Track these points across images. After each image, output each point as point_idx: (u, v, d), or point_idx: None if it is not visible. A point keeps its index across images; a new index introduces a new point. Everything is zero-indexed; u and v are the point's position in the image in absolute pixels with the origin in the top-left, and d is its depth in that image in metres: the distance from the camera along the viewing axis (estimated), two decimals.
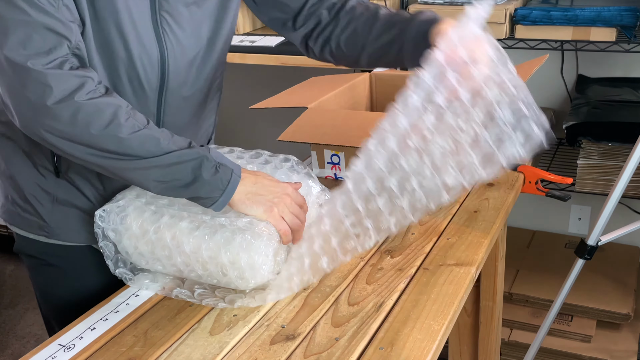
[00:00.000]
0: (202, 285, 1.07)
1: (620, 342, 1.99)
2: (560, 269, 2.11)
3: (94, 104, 0.92)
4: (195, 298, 1.04)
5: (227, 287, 1.05)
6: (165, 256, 1.05)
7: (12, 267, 3.11)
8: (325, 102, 1.48)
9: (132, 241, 1.07)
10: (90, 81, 0.93)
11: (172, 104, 1.13)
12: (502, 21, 1.93)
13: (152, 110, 1.11)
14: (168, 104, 1.12)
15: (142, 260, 1.09)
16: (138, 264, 1.10)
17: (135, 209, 1.06)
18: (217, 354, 0.92)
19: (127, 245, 1.08)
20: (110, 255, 1.10)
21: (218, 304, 1.02)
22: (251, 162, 1.16)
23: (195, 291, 1.05)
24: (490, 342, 1.58)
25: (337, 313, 1.00)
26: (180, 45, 1.08)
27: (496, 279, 1.50)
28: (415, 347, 0.91)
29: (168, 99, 1.12)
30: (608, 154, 1.87)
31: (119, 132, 0.93)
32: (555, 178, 1.42)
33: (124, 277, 1.10)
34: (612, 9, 1.84)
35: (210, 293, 1.05)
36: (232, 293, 1.04)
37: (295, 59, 2.04)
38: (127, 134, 0.94)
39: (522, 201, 2.43)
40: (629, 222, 1.73)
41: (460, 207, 1.31)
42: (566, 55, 2.23)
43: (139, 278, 1.09)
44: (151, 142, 0.96)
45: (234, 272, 1.00)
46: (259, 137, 2.85)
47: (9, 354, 2.52)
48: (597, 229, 1.68)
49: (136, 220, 1.06)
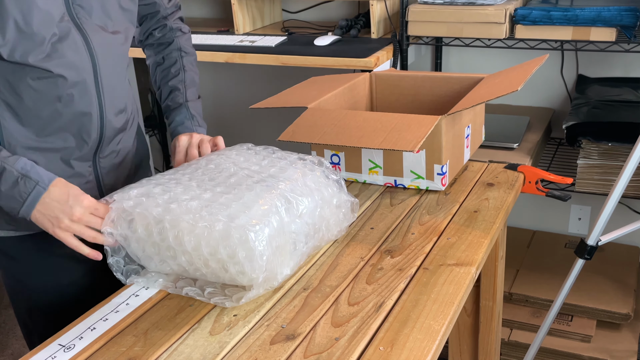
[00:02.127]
0: (212, 284, 1.07)
1: (620, 342, 1.99)
2: (560, 269, 2.12)
3: None
4: (205, 297, 1.04)
5: (234, 285, 1.04)
6: (170, 257, 1.05)
7: None
8: (325, 102, 1.48)
9: (139, 244, 1.06)
10: None
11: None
12: (502, 21, 1.93)
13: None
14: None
15: (151, 263, 1.09)
16: (148, 267, 1.10)
17: (140, 212, 1.06)
18: (217, 354, 0.92)
19: (136, 249, 1.07)
20: (121, 269, 1.10)
21: (225, 302, 1.02)
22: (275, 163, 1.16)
23: (205, 290, 1.05)
24: (490, 342, 1.58)
25: (337, 313, 1.00)
26: None
27: (496, 279, 1.50)
28: (416, 347, 0.91)
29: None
30: (608, 154, 1.87)
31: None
32: (555, 178, 1.42)
33: (137, 283, 1.10)
34: (612, 9, 1.84)
35: (220, 291, 1.05)
36: (242, 291, 1.03)
37: (295, 59, 2.04)
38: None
39: (522, 201, 2.45)
40: (629, 222, 1.73)
41: (461, 207, 1.31)
42: (566, 55, 2.23)
43: (149, 278, 1.10)
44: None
45: (234, 267, 0.99)
46: (259, 136, 2.85)
47: (9, 354, 2.52)
48: (597, 229, 1.68)
49: (141, 223, 1.05)
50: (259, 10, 2.48)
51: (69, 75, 1.14)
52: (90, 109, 1.19)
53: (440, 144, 1.32)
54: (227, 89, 2.93)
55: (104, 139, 1.24)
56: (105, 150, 1.26)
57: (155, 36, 1.45)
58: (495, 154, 1.93)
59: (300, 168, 1.14)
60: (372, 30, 2.20)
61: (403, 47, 2.10)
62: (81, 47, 1.15)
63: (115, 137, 1.27)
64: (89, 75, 1.17)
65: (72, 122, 1.18)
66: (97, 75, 1.18)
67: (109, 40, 1.20)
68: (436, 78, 1.63)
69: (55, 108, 1.15)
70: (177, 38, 1.45)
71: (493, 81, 1.42)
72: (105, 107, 1.21)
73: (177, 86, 1.39)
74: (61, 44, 1.12)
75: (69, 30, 1.13)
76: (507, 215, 1.33)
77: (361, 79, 1.66)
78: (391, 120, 1.29)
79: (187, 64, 1.43)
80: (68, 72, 1.13)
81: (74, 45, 1.13)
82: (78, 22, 1.14)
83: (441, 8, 2.00)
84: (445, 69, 2.44)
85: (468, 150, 1.51)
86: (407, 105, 1.66)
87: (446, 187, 1.39)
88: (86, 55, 1.16)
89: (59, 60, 1.12)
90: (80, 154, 1.22)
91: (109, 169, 1.28)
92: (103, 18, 1.18)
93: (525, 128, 2.09)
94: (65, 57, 1.12)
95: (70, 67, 1.13)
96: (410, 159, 1.36)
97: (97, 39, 1.17)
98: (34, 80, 1.11)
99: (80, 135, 1.19)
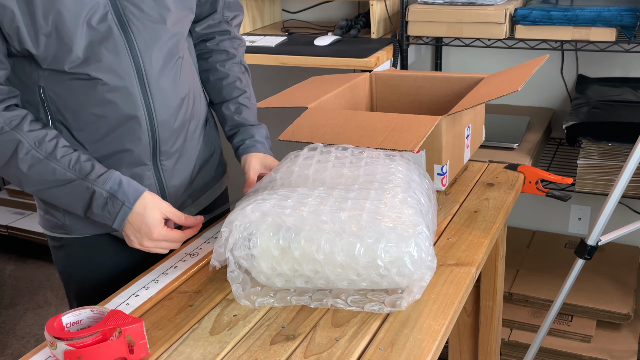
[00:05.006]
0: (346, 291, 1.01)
1: (620, 342, 1.99)
2: (560, 269, 2.12)
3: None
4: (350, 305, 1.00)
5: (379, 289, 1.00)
6: (312, 270, 0.96)
7: (12, 267, 3.11)
8: (325, 102, 1.48)
9: (269, 263, 0.97)
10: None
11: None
12: (502, 21, 1.93)
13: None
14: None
15: (279, 280, 1.00)
16: (273, 285, 1.01)
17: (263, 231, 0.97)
18: (218, 354, 0.92)
19: (265, 268, 0.98)
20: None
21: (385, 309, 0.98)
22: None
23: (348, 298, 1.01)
24: (490, 342, 1.58)
25: (338, 313, 1.00)
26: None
27: (496, 279, 1.50)
28: (416, 347, 0.91)
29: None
30: (608, 154, 1.87)
31: (18, 165, 1.08)
32: (556, 178, 1.43)
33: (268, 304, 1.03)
34: (612, 9, 1.84)
35: (362, 298, 1.01)
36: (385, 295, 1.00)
37: (295, 59, 2.04)
38: (26, 166, 1.08)
39: (522, 201, 2.45)
40: (629, 222, 1.73)
41: (461, 207, 1.31)
42: (566, 55, 2.23)
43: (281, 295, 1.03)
44: (47, 171, 1.09)
45: (393, 269, 0.93)
46: None
47: (9, 354, 2.52)
48: (597, 229, 1.68)
49: (271, 241, 0.97)
50: (259, 10, 2.48)
51: (108, 79, 1.10)
52: (136, 112, 1.14)
53: (441, 144, 1.32)
54: None
55: (160, 141, 1.20)
56: (165, 151, 1.22)
57: (215, 40, 1.37)
58: (495, 154, 1.93)
59: (387, 162, 1.11)
60: (372, 30, 2.20)
61: (403, 47, 2.10)
62: (122, 50, 1.10)
63: (175, 137, 1.22)
64: (131, 79, 1.12)
65: (120, 127, 1.15)
66: (143, 77, 1.13)
67: (161, 34, 1.14)
68: (436, 78, 1.63)
69: (100, 113, 1.12)
70: (238, 49, 1.41)
71: (493, 81, 1.42)
72: (154, 108, 1.16)
73: (245, 104, 1.38)
74: (99, 47, 1.08)
75: (110, 31, 1.08)
76: (508, 215, 1.33)
77: (361, 79, 1.65)
78: (391, 120, 1.29)
79: (248, 83, 1.42)
80: (107, 76, 1.10)
81: (115, 49, 1.09)
82: (124, 20, 1.10)
83: (441, 8, 2.00)
84: (445, 69, 2.44)
85: (468, 151, 1.51)
86: (407, 105, 1.66)
87: (446, 187, 1.39)
88: (128, 58, 1.11)
89: (97, 65, 1.08)
90: (135, 158, 1.19)
91: (171, 170, 1.25)
92: (157, 9, 1.13)
93: (525, 128, 2.09)
94: (103, 60, 1.09)
95: (109, 71, 1.10)
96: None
97: (146, 37, 1.12)
98: (73, 82, 1.09)
99: (131, 139, 1.16)
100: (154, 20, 1.13)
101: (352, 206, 0.98)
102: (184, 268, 1.16)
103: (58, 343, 0.88)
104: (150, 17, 1.13)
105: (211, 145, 1.38)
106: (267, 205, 1.00)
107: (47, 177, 1.09)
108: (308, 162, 1.15)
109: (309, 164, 1.15)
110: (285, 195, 1.02)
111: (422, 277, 0.94)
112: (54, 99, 1.11)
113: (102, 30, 1.08)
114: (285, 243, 0.96)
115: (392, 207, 0.98)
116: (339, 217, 0.95)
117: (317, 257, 0.94)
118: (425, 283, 0.96)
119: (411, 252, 0.92)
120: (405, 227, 0.94)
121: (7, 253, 3.23)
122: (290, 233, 0.96)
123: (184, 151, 1.27)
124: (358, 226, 0.94)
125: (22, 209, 3.26)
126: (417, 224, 0.95)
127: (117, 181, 1.11)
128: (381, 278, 0.95)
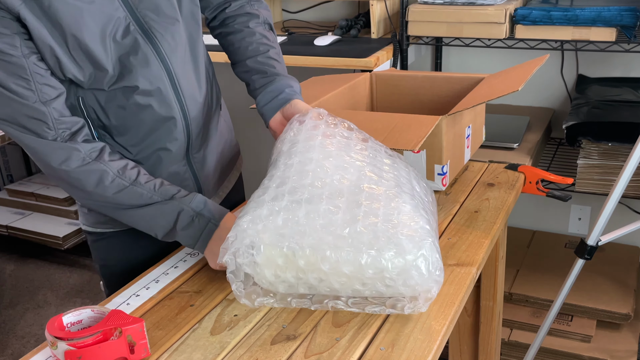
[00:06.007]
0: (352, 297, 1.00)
1: (620, 342, 1.99)
2: (560, 269, 2.12)
3: (82, 171, 1.09)
4: (350, 307, 0.99)
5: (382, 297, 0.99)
6: (316, 279, 0.95)
7: (12, 267, 3.11)
8: (325, 102, 1.48)
9: (272, 270, 0.96)
10: (76, 153, 1.08)
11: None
12: (502, 21, 1.93)
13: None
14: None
15: (282, 286, 0.99)
16: (276, 290, 1.00)
17: (267, 240, 0.95)
18: (218, 354, 0.93)
19: (269, 275, 0.97)
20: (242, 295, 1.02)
21: (386, 310, 0.98)
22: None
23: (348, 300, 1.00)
24: (491, 342, 1.58)
25: (338, 313, 1.00)
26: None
27: (496, 279, 1.50)
28: (416, 348, 0.91)
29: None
30: (608, 154, 1.87)
31: (105, 192, 1.11)
32: (556, 178, 1.43)
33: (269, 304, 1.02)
34: (612, 9, 1.84)
35: (363, 300, 0.99)
36: (386, 298, 0.98)
37: (296, 59, 2.04)
38: (112, 193, 1.11)
39: (522, 201, 2.45)
40: (629, 222, 1.73)
41: (461, 207, 1.31)
42: (566, 55, 2.23)
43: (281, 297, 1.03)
44: (134, 196, 1.12)
45: (399, 279, 0.93)
46: (260, 137, 2.85)
47: (9, 354, 2.52)
48: (597, 229, 1.68)
49: (274, 249, 0.95)
50: None
51: (143, 86, 1.12)
52: (172, 113, 1.17)
53: (441, 144, 1.32)
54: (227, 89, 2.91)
55: (192, 137, 1.23)
56: (196, 146, 1.26)
57: (232, 6, 1.35)
58: (496, 154, 1.93)
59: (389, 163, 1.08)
60: (372, 30, 2.20)
61: (403, 47, 2.10)
62: (152, 58, 1.12)
63: (203, 129, 1.26)
64: (163, 83, 1.14)
65: (158, 129, 1.17)
66: (173, 78, 1.16)
67: (180, 32, 1.16)
68: (436, 78, 1.63)
69: (138, 118, 1.15)
70: (260, 10, 1.37)
71: (493, 81, 1.42)
72: (187, 106, 1.19)
73: (277, 58, 1.32)
74: (128, 59, 1.10)
75: (136, 42, 1.10)
76: (508, 215, 1.33)
77: (361, 79, 1.66)
78: (391, 120, 1.29)
79: (275, 40, 1.37)
80: (141, 84, 1.12)
81: (144, 58, 1.11)
82: (146, 27, 1.11)
83: (441, 8, 2.00)
84: (445, 69, 2.44)
85: (468, 151, 1.51)
86: (408, 105, 1.66)
87: (447, 187, 1.40)
88: (158, 64, 1.13)
89: (130, 76, 1.11)
90: (173, 156, 1.22)
91: (201, 161, 1.29)
92: (171, 8, 1.15)
93: (525, 128, 2.09)
94: (134, 71, 1.11)
95: (142, 79, 1.12)
96: (411, 159, 1.36)
97: (168, 39, 1.14)
98: (110, 93, 1.12)
99: (169, 139, 1.19)
100: (171, 22, 1.15)
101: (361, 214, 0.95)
102: (184, 268, 1.17)
103: (59, 343, 0.88)
104: (168, 18, 1.14)
105: (226, 126, 1.41)
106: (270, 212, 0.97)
107: (133, 202, 1.12)
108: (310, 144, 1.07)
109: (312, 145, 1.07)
110: (294, 201, 0.98)
111: (429, 289, 0.93)
112: (94, 108, 1.13)
113: (128, 44, 1.09)
114: (289, 252, 0.94)
115: (401, 215, 0.95)
116: (347, 227, 0.93)
117: (322, 267, 0.93)
118: (432, 296, 0.94)
119: (419, 265, 0.91)
120: (415, 238, 0.92)
121: (7, 253, 3.23)
122: (295, 242, 0.94)
123: (208, 139, 1.30)
124: (366, 237, 0.92)
125: (22, 209, 3.26)
126: (427, 236, 0.93)
127: (203, 201, 1.13)
128: (387, 288, 0.94)
